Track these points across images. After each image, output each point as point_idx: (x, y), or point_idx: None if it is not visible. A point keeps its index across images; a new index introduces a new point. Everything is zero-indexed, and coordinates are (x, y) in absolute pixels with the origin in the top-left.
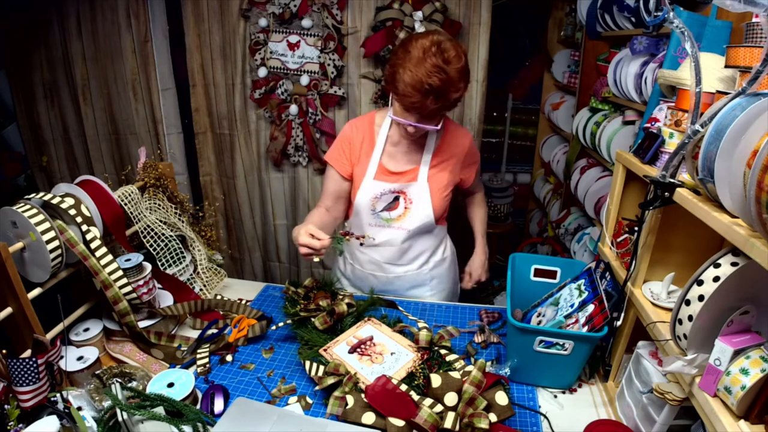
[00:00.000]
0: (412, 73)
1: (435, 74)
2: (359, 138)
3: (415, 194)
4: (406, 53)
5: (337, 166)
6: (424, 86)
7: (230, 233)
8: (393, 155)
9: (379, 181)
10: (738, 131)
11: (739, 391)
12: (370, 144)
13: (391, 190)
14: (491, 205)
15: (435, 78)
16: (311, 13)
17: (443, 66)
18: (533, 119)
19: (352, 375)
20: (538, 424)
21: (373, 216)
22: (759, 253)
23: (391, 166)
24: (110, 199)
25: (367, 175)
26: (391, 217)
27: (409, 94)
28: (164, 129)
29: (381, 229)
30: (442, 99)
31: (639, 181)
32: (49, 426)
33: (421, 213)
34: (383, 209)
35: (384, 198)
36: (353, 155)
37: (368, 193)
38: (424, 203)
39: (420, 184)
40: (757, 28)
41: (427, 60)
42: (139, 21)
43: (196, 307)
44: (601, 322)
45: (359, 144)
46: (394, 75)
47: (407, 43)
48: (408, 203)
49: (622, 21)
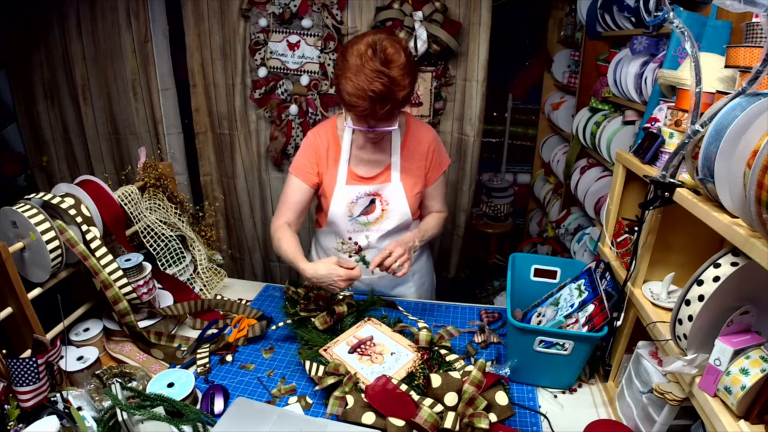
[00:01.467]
0: (354, 82)
1: (376, 80)
2: (324, 145)
3: (390, 195)
4: (345, 62)
5: (303, 176)
6: (368, 94)
7: (230, 233)
8: (360, 159)
9: (352, 186)
10: (738, 131)
11: (739, 391)
12: (336, 150)
13: (366, 192)
14: (491, 205)
15: (377, 83)
16: (311, 13)
17: (383, 69)
18: (533, 119)
19: (352, 375)
20: (538, 424)
21: (350, 222)
22: (759, 253)
23: (361, 170)
24: (110, 199)
25: (338, 181)
26: (369, 221)
27: (356, 103)
28: (164, 129)
29: (360, 234)
30: (390, 101)
31: (639, 181)
32: (49, 426)
33: (399, 213)
34: (360, 213)
35: (360, 202)
36: (320, 163)
37: (343, 199)
38: (400, 203)
39: (394, 185)
40: (757, 28)
41: (366, 66)
42: (139, 21)
43: (196, 307)
44: (601, 322)
45: (325, 151)
46: (338, 86)
47: (345, 51)
48: (385, 204)
49: (622, 21)
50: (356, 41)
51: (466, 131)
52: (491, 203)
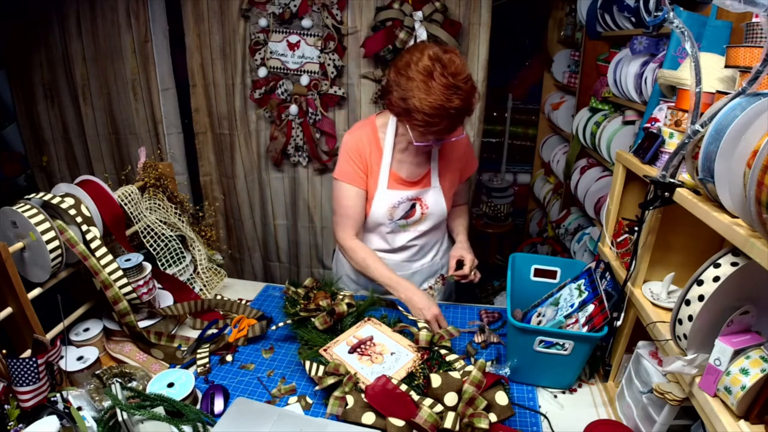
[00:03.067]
0: (431, 101)
1: (454, 96)
2: (366, 148)
3: (430, 199)
4: (409, 80)
5: (355, 182)
6: (449, 112)
7: (230, 233)
8: (402, 162)
9: (394, 190)
10: (738, 131)
11: (739, 391)
12: (378, 152)
13: (408, 197)
14: (491, 205)
15: (456, 100)
16: (311, 13)
17: (455, 83)
18: (533, 119)
19: (352, 375)
20: (538, 424)
21: (389, 224)
22: (759, 253)
23: (403, 173)
24: (110, 199)
25: (379, 185)
26: (407, 223)
27: (435, 122)
28: (164, 129)
29: (396, 235)
30: (467, 114)
31: (639, 181)
32: (49, 426)
33: (437, 215)
34: (401, 217)
35: (402, 207)
36: (365, 166)
37: (385, 203)
38: (439, 205)
39: (434, 189)
40: (757, 28)
41: (436, 82)
42: (139, 21)
43: (196, 307)
44: (601, 322)
45: (368, 154)
46: (407, 108)
47: (404, 68)
48: (425, 208)
49: (622, 21)
50: (415, 57)
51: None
52: (491, 203)
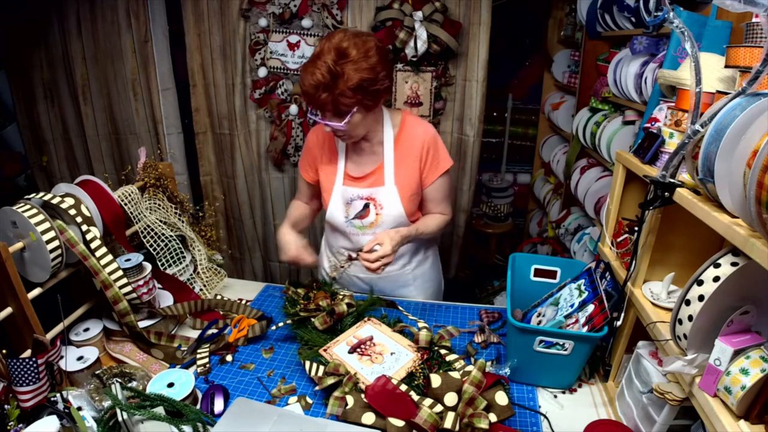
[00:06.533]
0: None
1: (316, 70)
2: (319, 144)
3: (384, 199)
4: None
5: (304, 174)
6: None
7: (230, 233)
8: (355, 160)
9: (348, 187)
10: (738, 131)
11: (739, 391)
12: (332, 149)
13: (360, 196)
14: (491, 205)
15: (317, 73)
16: (311, 13)
17: (323, 60)
18: (533, 119)
19: (352, 375)
20: (538, 424)
21: (347, 224)
22: (759, 253)
23: (354, 170)
24: (110, 199)
25: (336, 181)
26: (363, 225)
27: (307, 95)
28: (164, 129)
29: (357, 237)
30: (334, 90)
31: (639, 181)
32: (49, 426)
33: (393, 217)
34: (354, 217)
35: (355, 205)
36: (316, 161)
37: (339, 199)
38: (395, 206)
39: (388, 188)
40: (757, 28)
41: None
42: (139, 21)
43: (196, 307)
44: (601, 322)
45: (320, 150)
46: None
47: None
48: (379, 209)
49: (622, 21)
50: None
51: (466, 131)
52: (491, 203)
